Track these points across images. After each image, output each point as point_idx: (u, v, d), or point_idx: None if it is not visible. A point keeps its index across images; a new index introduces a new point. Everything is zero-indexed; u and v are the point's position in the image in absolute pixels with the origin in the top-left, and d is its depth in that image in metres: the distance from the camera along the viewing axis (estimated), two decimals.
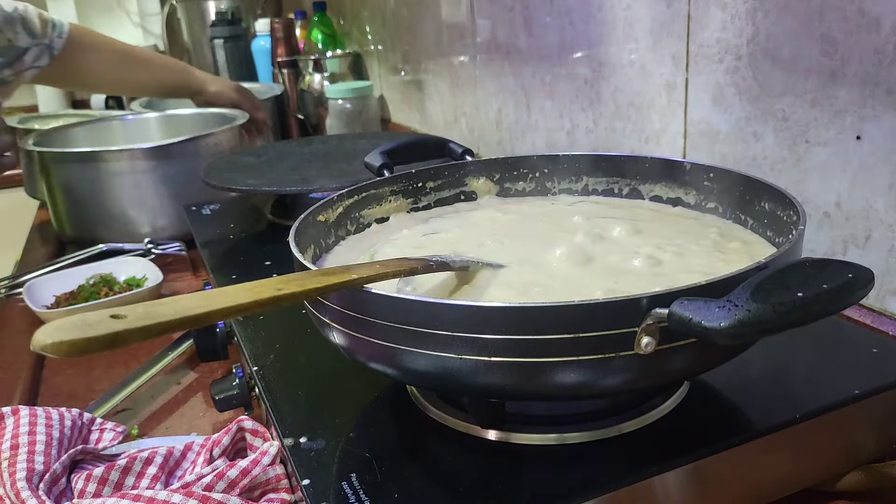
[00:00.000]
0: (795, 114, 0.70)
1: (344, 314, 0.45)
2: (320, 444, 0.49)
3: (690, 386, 0.52)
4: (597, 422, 0.48)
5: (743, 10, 0.73)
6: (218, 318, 0.34)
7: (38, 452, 0.54)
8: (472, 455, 0.47)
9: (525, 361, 0.40)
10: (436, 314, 0.41)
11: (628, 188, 0.69)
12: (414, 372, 0.44)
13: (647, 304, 0.39)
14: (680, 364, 0.42)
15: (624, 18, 0.90)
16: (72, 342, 0.28)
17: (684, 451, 0.45)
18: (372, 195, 0.67)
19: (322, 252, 0.61)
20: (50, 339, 0.28)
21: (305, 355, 0.61)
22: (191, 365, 0.78)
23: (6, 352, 0.84)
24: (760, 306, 0.36)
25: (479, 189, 0.72)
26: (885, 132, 0.62)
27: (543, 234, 0.62)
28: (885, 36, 0.60)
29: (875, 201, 0.64)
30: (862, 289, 0.38)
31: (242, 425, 0.57)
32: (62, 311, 0.87)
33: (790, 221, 0.52)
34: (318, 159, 1.06)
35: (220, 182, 0.94)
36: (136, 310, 0.31)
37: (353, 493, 0.44)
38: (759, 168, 0.75)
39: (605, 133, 0.99)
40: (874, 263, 0.65)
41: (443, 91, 1.43)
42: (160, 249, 1.04)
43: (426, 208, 0.70)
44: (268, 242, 0.92)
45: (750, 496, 0.49)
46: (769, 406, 0.50)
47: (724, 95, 0.77)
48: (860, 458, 0.52)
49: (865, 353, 0.55)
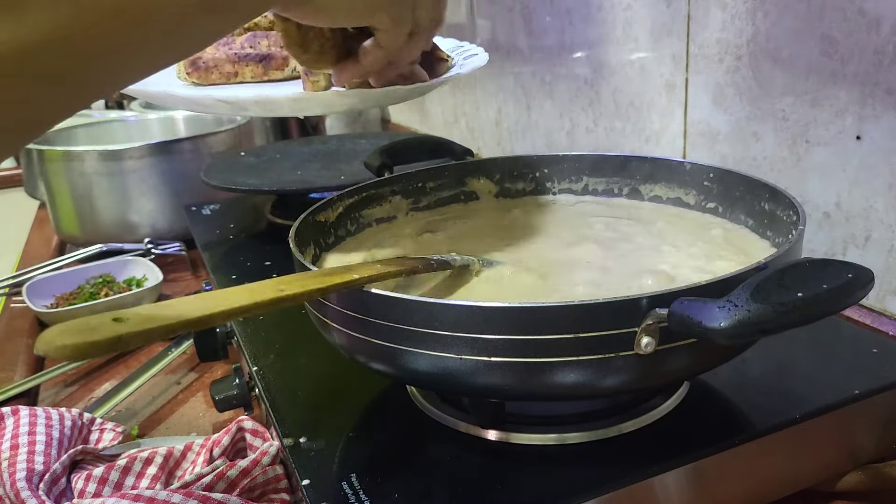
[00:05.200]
0: (795, 114, 0.70)
1: (344, 314, 0.45)
2: (320, 444, 0.49)
3: (690, 386, 0.52)
4: (597, 422, 0.48)
5: (743, 10, 0.73)
6: (220, 320, 0.34)
7: (38, 452, 0.54)
8: (472, 455, 0.47)
9: (525, 361, 0.40)
10: (436, 314, 0.41)
11: (628, 188, 0.69)
12: (414, 372, 0.44)
13: (647, 304, 0.39)
14: (680, 364, 0.42)
15: (624, 18, 0.90)
16: (75, 345, 0.28)
17: (684, 451, 0.45)
18: (372, 195, 0.67)
19: (322, 252, 0.61)
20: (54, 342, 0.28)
21: (305, 355, 0.61)
22: (191, 365, 0.78)
23: (6, 352, 0.84)
24: (760, 306, 0.36)
25: (479, 189, 0.72)
26: (885, 132, 0.62)
27: (544, 233, 0.62)
28: (885, 36, 0.60)
29: (875, 201, 0.64)
30: (862, 289, 0.38)
31: (242, 425, 0.57)
32: (62, 311, 0.87)
33: (790, 221, 0.52)
34: (318, 159, 1.06)
35: (220, 182, 0.94)
36: (138, 313, 0.31)
37: (353, 493, 0.44)
38: (759, 168, 0.75)
39: (605, 133, 0.99)
40: (874, 263, 0.65)
41: (443, 91, 1.43)
42: (160, 249, 1.04)
43: (426, 208, 0.70)
44: (268, 242, 0.92)
45: (750, 496, 0.49)
46: (769, 406, 0.50)
47: (724, 95, 0.77)
48: (860, 458, 0.52)
49: (865, 353, 0.55)
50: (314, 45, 0.49)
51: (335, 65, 0.51)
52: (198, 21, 0.35)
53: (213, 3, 0.35)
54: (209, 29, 0.37)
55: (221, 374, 0.76)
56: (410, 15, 0.48)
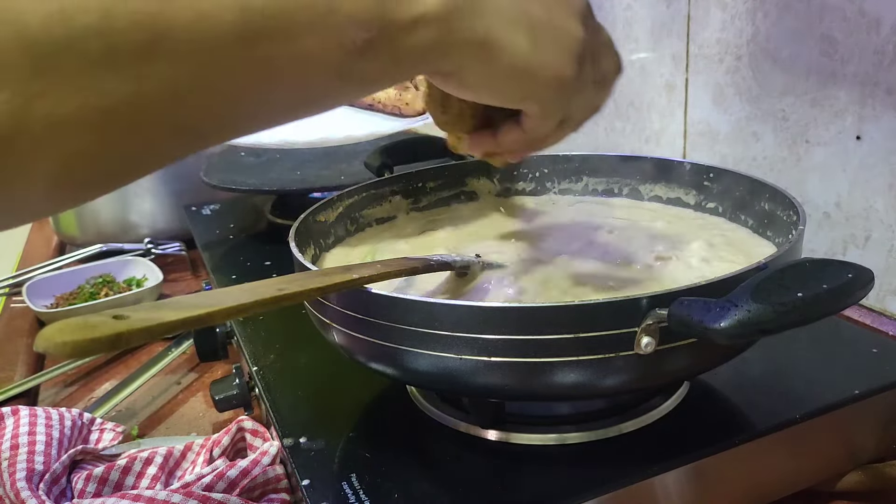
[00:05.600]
0: (795, 114, 0.70)
1: (344, 314, 0.45)
2: (320, 444, 0.49)
3: (690, 386, 0.52)
4: (597, 422, 0.48)
5: (743, 10, 0.73)
6: (220, 318, 0.34)
7: (38, 452, 0.54)
8: (472, 455, 0.47)
9: (525, 361, 0.40)
10: (436, 314, 0.41)
11: (628, 188, 0.69)
12: (414, 372, 0.44)
13: (647, 304, 0.39)
14: (680, 364, 0.42)
15: (624, 18, 0.90)
16: (75, 342, 0.28)
17: (684, 451, 0.45)
18: (372, 195, 0.67)
19: (322, 252, 0.61)
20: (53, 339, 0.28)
21: (305, 355, 0.61)
22: (191, 365, 0.78)
23: (6, 352, 0.84)
24: (760, 306, 0.36)
25: (479, 189, 0.72)
26: (885, 132, 0.62)
27: (544, 233, 0.62)
28: (884, 36, 0.60)
29: (875, 201, 0.64)
30: (862, 289, 0.38)
31: (242, 425, 0.57)
32: (62, 311, 0.87)
33: (790, 221, 0.52)
34: (318, 159, 1.05)
35: (220, 182, 0.94)
36: (138, 310, 0.31)
37: (352, 493, 0.44)
38: (759, 168, 0.75)
39: (605, 133, 0.99)
40: (874, 263, 0.65)
41: None
42: (160, 249, 1.04)
43: (426, 208, 0.70)
44: (268, 242, 0.92)
45: (750, 496, 0.49)
46: (769, 406, 0.50)
47: (724, 95, 0.77)
48: (860, 458, 0.52)
49: (865, 353, 0.55)
50: (454, 109, 0.45)
51: (471, 132, 0.47)
52: (329, 86, 0.34)
53: (348, 72, 0.33)
54: (342, 95, 0.35)
55: (221, 374, 0.76)
56: (565, 106, 0.42)
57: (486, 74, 0.37)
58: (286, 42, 0.31)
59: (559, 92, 0.39)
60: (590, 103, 0.44)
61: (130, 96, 0.29)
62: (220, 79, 0.30)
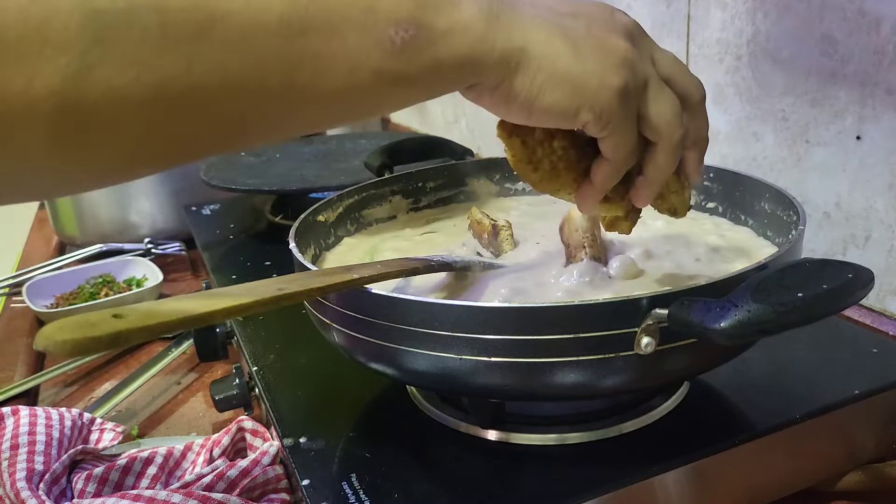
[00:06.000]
0: (795, 114, 0.70)
1: (344, 314, 0.45)
2: (320, 444, 0.49)
3: (690, 386, 0.52)
4: (597, 422, 0.48)
5: (743, 10, 0.73)
6: (220, 317, 0.34)
7: (38, 452, 0.54)
8: (472, 455, 0.47)
9: (525, 361, 0.40)
10: (436, 314, 0.41)
11: None
12: (414, 372, 0.44)
13: (647, 304, 0.39)
14: (680, 364, 0.42)
15: None
16: (74, 341, 0.28)
17: (684, 451, 0.45)
18: (372, 195, 0.67)
19: (322, 252, 0.61)
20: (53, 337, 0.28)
21: (305, 355, 0.61)
22: (191, 365, 0.78)
23: (6, 352, 0.84)
24: (760, 306, 0.36)
25: (479, 189, 0.72)
26: (885, 132, 0.62)
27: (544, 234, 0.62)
28: (885, 36, 0.60)
29: (875, 201, 0.64)
30: (862, 289, 0.38)
31: (242, 425, 0.57)
32: (62, 311, 0.87)
33: (790, 221, 0.52)
34: (318, 159, 1.06)
35: (220, 182, 0.94)
36: (137, 309, 0.31)
37: (352, 493, 0.44)
38: (759, 168, 0.75)
39: None
40: (874, 263, 0.65)
41: None
42: (160, 249, 1.04)
43: (426, 208, 0.70)
44: (268, 242, 0.92)
45: (750, 496, 0.49)
46: (769, 406, 0.50)
47: (724, 95, 0.77)
48: (860, 458, 0.52)
49: (865, 353, 0.55)
50: (545, 164, 0.42)
51: (574, 187, 0.44)
52: (370, 87, 0.34)
53: (389, 73, 0.34)
54: (384, 99, 0.36)
55: (221, 374, 0.75)
56: (631, 116, 0.39)
57: (531, 84, 0.37)
58: (328, 37, 0.32)
59: (612, 102, 0.37)
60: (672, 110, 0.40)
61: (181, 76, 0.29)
62: (266, 70, 0.31)
